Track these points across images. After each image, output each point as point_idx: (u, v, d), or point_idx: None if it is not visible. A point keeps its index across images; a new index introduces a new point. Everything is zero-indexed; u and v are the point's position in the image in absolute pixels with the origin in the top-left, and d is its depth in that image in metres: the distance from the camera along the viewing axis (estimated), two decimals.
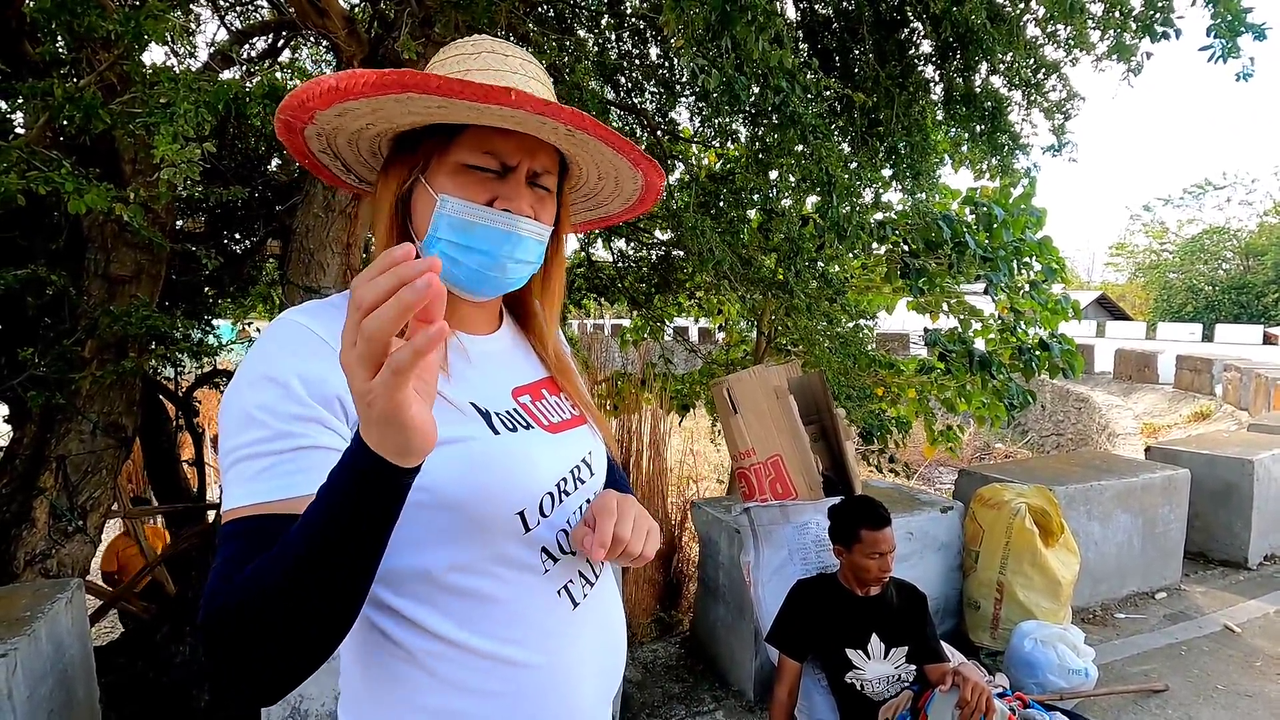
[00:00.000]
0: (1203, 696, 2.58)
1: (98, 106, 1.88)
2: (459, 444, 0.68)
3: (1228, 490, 3.85)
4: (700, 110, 4.43)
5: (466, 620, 0.70)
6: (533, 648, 0.72)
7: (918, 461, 9.36)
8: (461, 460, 0.67)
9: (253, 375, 0.64)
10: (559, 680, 0.74)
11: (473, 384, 0.75)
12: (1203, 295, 36.94)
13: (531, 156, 0.73)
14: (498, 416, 0.73)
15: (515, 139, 0.71)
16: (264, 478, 0.60)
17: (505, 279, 0.75)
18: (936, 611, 2.89)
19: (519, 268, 0.75)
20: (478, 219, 0.71)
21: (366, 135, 0.74)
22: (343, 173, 0.82)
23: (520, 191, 0.73)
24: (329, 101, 0.65)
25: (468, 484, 0.67)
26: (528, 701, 0.71)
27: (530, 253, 0.75)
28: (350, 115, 0.68)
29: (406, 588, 0.69)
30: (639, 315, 6.03)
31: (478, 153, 0.71)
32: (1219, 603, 3.40)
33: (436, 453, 0.65)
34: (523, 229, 0.73)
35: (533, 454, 0.74)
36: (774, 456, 2.41)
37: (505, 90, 0.62)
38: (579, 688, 0.76)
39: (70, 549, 2.80)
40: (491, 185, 0.72)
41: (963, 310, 5.46)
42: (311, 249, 2.98)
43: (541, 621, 0.73)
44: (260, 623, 0.53)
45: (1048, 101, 4.48)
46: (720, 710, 2.50)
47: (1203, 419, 10.81)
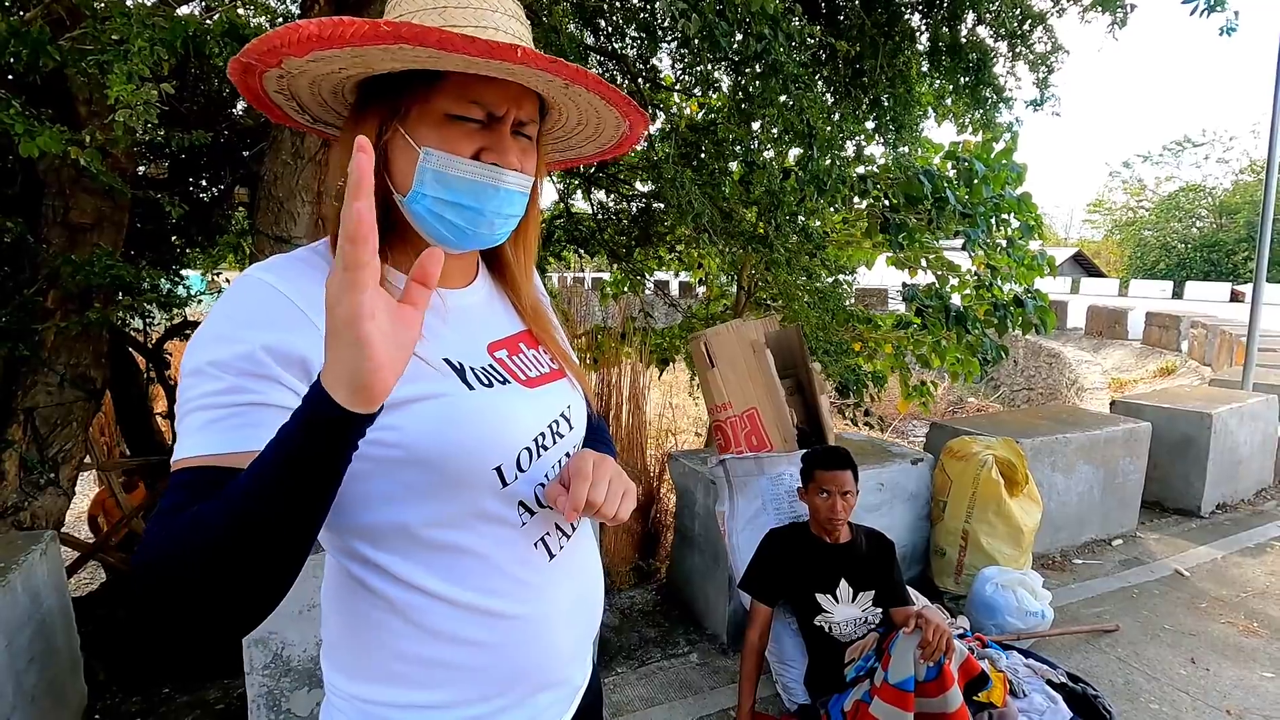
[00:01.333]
0: (1150, 635, 2.73)
1: (45, 42, 1.78)
2: (433, 400, 0.67)
3: (1186, 443, 3.99)
4: (682, 57, 4.32)
5: (445, 573, 0.70)
6: (511, 598, 0.73)
7: (892, 415, 9.55)
8: (436, 417, 0.67)
9: (213, 332, 0.62)
10: (537, 629, 0.75)
11: (447, 340, 0.73)
12: (1175, 253, 37.54)
13: (518, 105, 0.70)
14: (472, 372, 0.72)
15: (501, 87, 0.68)
16: (213, 429, 0.59)
17: (493, 234, 0.74)
18: (905, 558, 2.99)
19: (507, 222, 0.74)
20: (466, 173, 0.68)
21: (333, 79, 0.69)
22: (296, 112, 0.77)
23: (507, 143, 0.70)
24: (307, 50, 0.61)
25: (442, 440, 0.67)
26: (507, 650, 0.73)
27: (516, 205, 0.74)
28: (324, 60, 0.64)
29: (385, 542, 0.69)
30: (619, 269, 5.99)
31: (463, 102, 0.68)
32: (1171, 549, 3.56)
33: (411, 409, 0.65)
34: (509, 182, 0.71)
35: (509, 409, 0.73)
36: (750, 410, 2.45)
37: (511, 48, 0.59)
38: (557, 636, 0.77)
39: (43, 502, 2.78)
40: (477, 136, 0.69)
41: (941, 266, 5.49)
42: (281, 197, 2.89)
43: (519, 573, 0.74)
44: (198, 569, 0.53)
45: (1033, 54, 4.44)
46: (694, 653, 2.60)
47: (1168, 374, 11.12)
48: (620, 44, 4.35)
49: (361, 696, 0.72)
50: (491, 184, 0.70)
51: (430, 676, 0.71)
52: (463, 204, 0.69)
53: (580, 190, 5.64)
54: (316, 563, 1.88)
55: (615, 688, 2.38)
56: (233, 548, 0.53)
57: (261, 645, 1.85)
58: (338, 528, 0.71)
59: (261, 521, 0.53)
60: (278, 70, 0.66)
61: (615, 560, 3.76)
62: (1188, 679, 2.44)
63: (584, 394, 0.87)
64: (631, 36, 4.29)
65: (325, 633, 0.76)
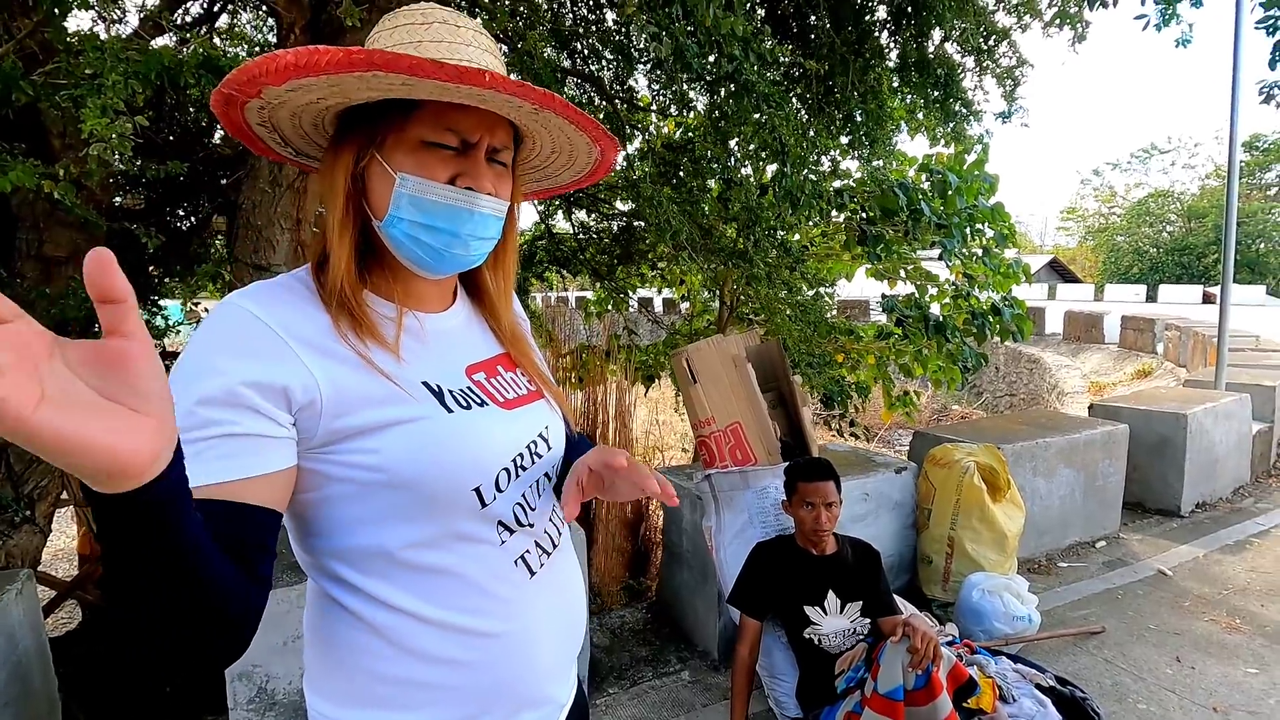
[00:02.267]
0: (1136, 635, 2.75)
1: (18, 78, 1.78)
2: (412, 423, 0.68)
3: (1163, 443, 4.06)
4: (657, 78, 4.39)
5: (425, 594, 0.71)
6: (491, 616, 0.73)
7: (877, 426, 9.61)
8: (414, 440, 0.68)
9: (194, 364, 0.62)
10: (518, 646, 0.75)
11: (426, 363, 0.74)
12: (1147, 257, 38.32)
13: (491, 133, 0.73)
14: (451, 395, 0.73)
15: (475, 115, 0.70)
16: (193, 464, 0.56)
17: (468, 256, 0.75)
18: (891, 568, 3.01)
19: (481, 244, 0.76)
20: (441, 198, 0.70)
21: (313, 109, 0.71)
22: (279, 145, 0.78)
23: (481, 169, 0.72)
24: (284, 79, 0.62)
25: (421, 463, 0.67)
26: (487, 668, 0.73)
27: (491, 229, 0.75)
28: (303, 90, 0.65)
29: (363, 564, 0.70)
30: (602, 287, 6.01)
31: (438, 129, 0.70)
32: (1153, 549, 3.61)
33: (390, 433, 0.66)
34: (483, 206, 0.73)
35: (487, 431, 0.73)
36: (733, 424, 2.46)
37: (479, 72, 0.61)
38: (539, 653, 0.78)
39: (18, 540, 2.73)
40: (452, 162, 0.71)
41: (919, 276, 5.57)
42: (259, 225, 2.89)
43: (499, 591, 0.74)
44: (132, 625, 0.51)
45: (999, 68, 4.56)
46: (686, 670, 2.58)
47: (1145, 376, 11.30)
48: (596, 66, 4.41)
49: (327, 714, 0.72)
50: (466, 208, 0.71)
51: (412, 698, 0.71)
52: (438, 227, 0.71)
53: (561, 210, 5.68)
54: (300, 594, 1.86)
55: (607, 708, 2.36)
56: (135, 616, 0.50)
57: (245, 680, 1.82)
58: (317, 551, 0.71)
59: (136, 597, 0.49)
60: (259, 101, 0.67)
61: (606, 579, 3.74)
62: (1174, 678, 2.47)
63: (563, 414, 0.88)
64: (607, 59, 4.36)
65: (307, 658, 0.76)
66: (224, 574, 0.54)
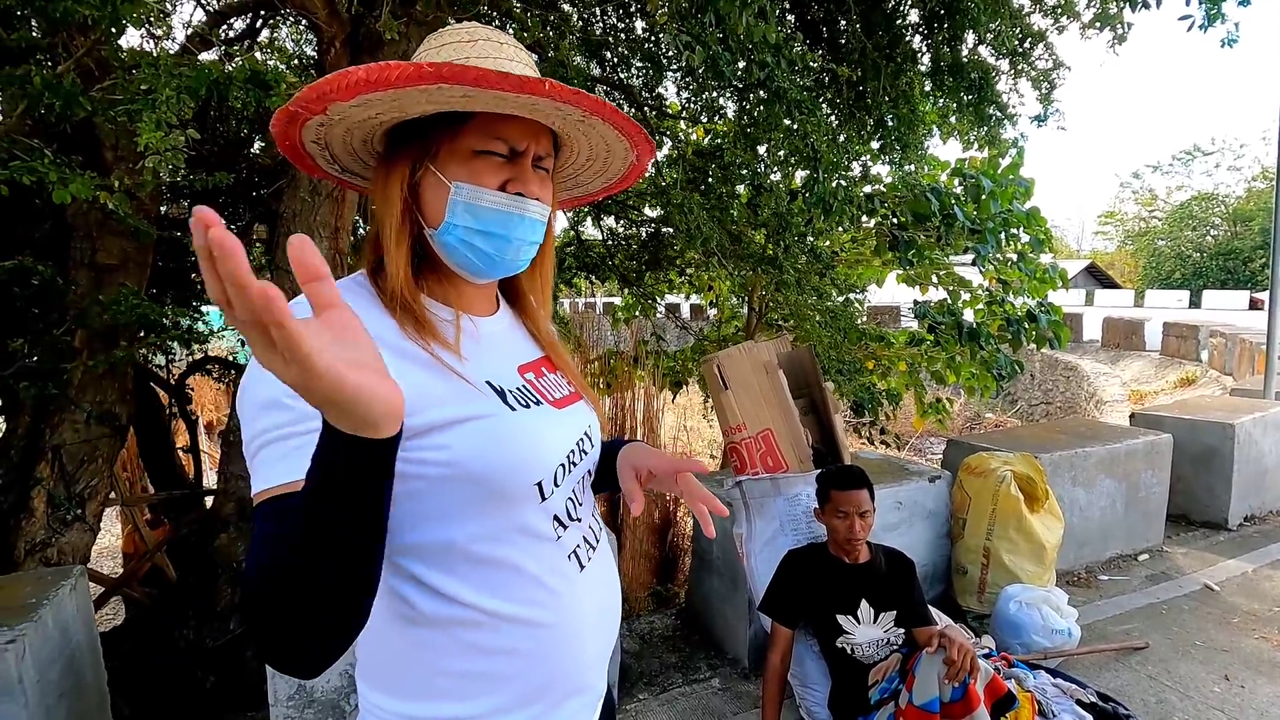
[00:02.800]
0: (1181, 652, 2.67)
1: (77, 94, 1.87)
2: (480, 420, 0.71)
3: (1209, 454, 3.93)
4: (687, 85, 4.40)
5: (486, 586, 0.73)
6: (546, 608, 0.76)
7: (909, 433, 9.48)
8: (484, 436, 0.71)
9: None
10: (569, 636, 0.78)
11: (485, 363, 0.78)
12: (1190, 262, 37.17)
13: (537, 141, 0.76)
14: (510, 394, 0.77)
15: (522, 124, 0.74)
16: (292, 458, 0.60)
17: (517, 260, 0.79)
18: (925, 578, 2.96)
19: (529, 249, 0.79)
20: (494, 204, 0.74)
21: (367, 125, 0.74)
22: (327, 163, 0.81)
23: (529, 174, 0.76)
24: (354, 94, 0.65)
25: (490, 458, 0.71)
26: (541, 658, 0.76)
27: (537, 233, 0.79)
28: (366, 105, 0.68)
29: (430, 559, 0.72)
30: (630, 293, 6.04)
31: (489, 139, 0.73)
32: (1199, 563, 3.49)
33: (461, 429, 0.70)
34: (531, 210, 0.76)
35: (545, 428, 0.77)
36: (764, 431, 2.45)
37: (540, 81, 0.65)
38: (585, 643, 0.81)
39: (70, 537, 2.83)
40: (503, 169, 0.75)
41: (952, 282, 5.49)
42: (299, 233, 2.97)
43: (554, 583, 0.77)
44: (280, 600, 0.54)
45: (1034, 70, 4.48)
46: (716, 678, 2.57)
47: (1188, 385, 10.96)
48: (626, 74, 4.45)
49: (410, 714, 0.74)
50: (518, 213, 0.75)
51: (468, 689, 0.73)
52: (491, 232, 0.75)
53: (590, 217, 5.72)
54: None
55: (637, 714, 2.36)
56: (305, 577, 0.54)
57: (285, 677, 1.87)
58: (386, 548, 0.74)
59: (322, 552, 0.54)
60: (320, 118, 0.70)
61: (634, 586, 3.74)
62: (1222, 696, 2.39)
63: (598, 415, 0.92)
64: (637, 67, 4.39)
65: (362, 652, 0.78)
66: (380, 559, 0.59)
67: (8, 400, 3.06)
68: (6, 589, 1.95)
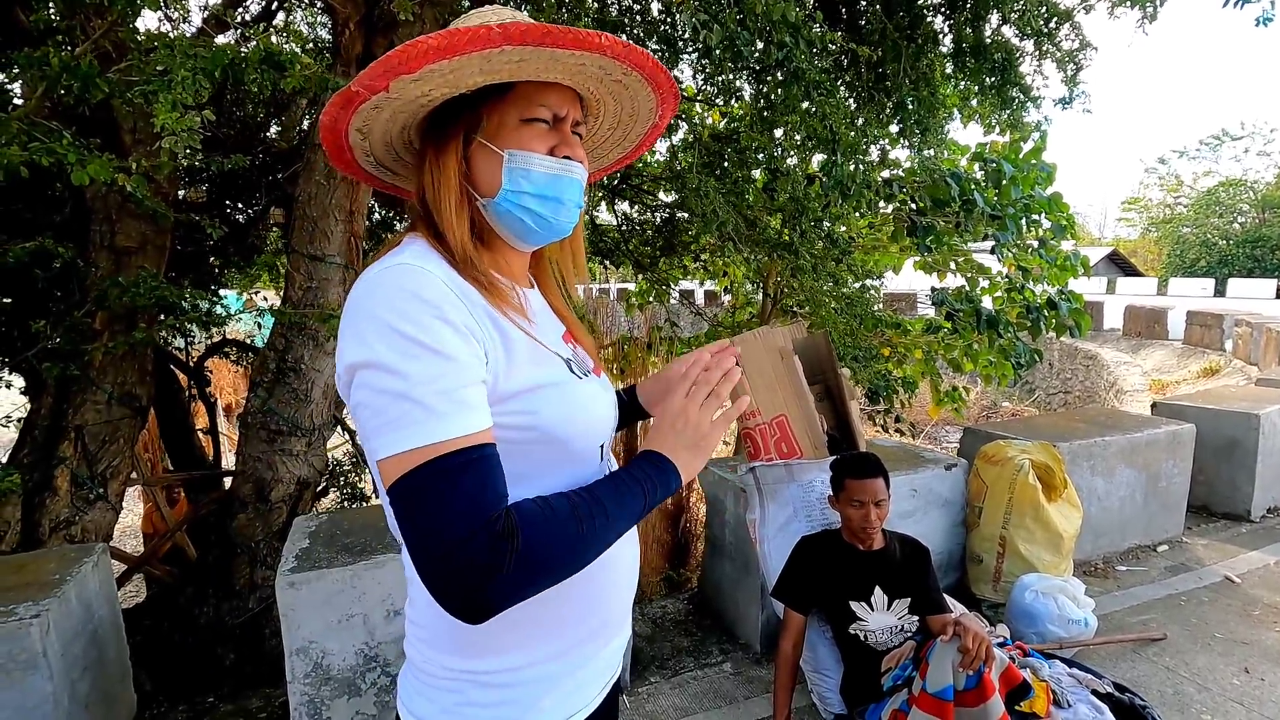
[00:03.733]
0: (1200, 644, 2.64)
1: (95, 76, 1.87)
2: (557, 386, 0.77)
3: (1232, 445, 3.86)
4: (703, 68, 4.34)
5: None
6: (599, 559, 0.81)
7: (924, 421, 9.40)
8: (564, 401, 0.76)
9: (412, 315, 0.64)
10: (614, 583, 0.85)
11: (545, 333, 0.82)
12: (1216, 249, 36.37)
13: (575, 107, 0.79)
14: (569, 363, 0.81)
15: (560, 91, 0.77)
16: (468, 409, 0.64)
17: (568, 222, 0.82)
18: (940, 566, 2.94)
19: (575, 211, 0.82)
20: (546, 168, 0.77)
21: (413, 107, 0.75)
22: (364, 155, 0.82)
23: (571, 138, 0.79)
24: (422, 64, 0.66)
25: (569, 421, 0.76)
26: (596, 602, 0.83)
27: (580, 195, 0.82)
28: (426, 79, 0.69)
29: None
30: (644, 279, 6.01)
31: (534, 106, 0.76)
32: (1220, 554, 3.44)
33: (542, 394, 0.75)
34: (576, 172, 0.79)
35: (601, 395, 0.84)
36: (779, 417, 2.43)
37: (596, 34, 0.68)
38: (623, 592, 0.88)
39: (93, 516, 2.88)
40: (548, 135, 0.78)
41: (970, 269, 5.41)
42: (315, 216, 2.98)
43: None
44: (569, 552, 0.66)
45: (1060, 51, 4.37)
46: (728, 662, 2.58)
47: (1212, 375, 10.78)
48: None
49: (470, 670, 0.77)
50: (567, 174, 0.78)
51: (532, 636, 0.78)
52: (545, 195, 0.77)
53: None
54: (355, 574, 1.92)
55: (649, 697, 2.37)
56: (594, 547, 0.68)
57: (303, 655, 1.89)
58: None
59: (613, 535, 0.70)
60: (376, 99, 0.71)
61: (646, 571, 3.76)
62: (1241, 689, 2.36)
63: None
64: (653, 49, 4.34)
65: (426, 619, 0.80)
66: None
67: (31, 381, 3.11)
68: (31, 566, 1.99)
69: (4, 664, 1.66)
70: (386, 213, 5.16)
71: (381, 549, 2.00)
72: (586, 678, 0.83)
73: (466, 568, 0.59)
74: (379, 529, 2.16)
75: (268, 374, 3.01)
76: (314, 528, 2.20)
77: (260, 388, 3.01)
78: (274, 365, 3.00)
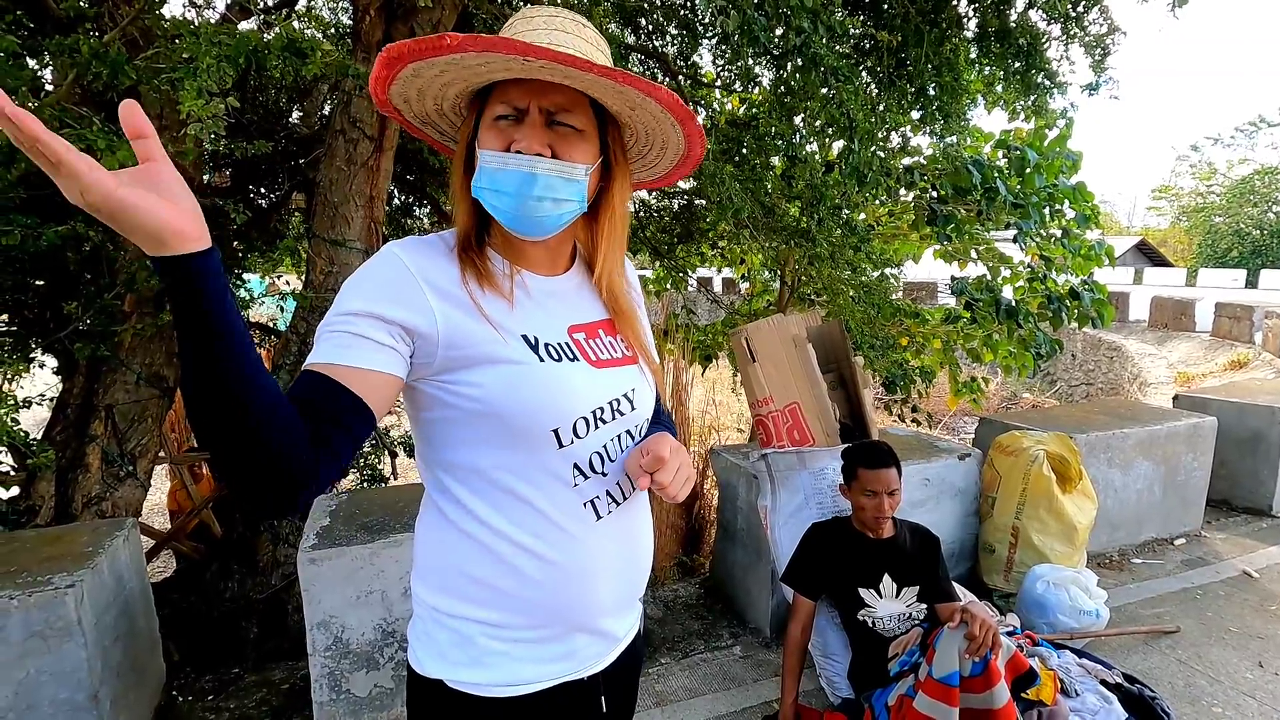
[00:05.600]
0: (1214, 638, 2.62)
1: (123, 62, 1.91)
2: (511, 365, 0.80)
3: (1255, 438, 3.81)
4: (722, 53, 4.31)
5: (506, 512, 0.83)
6: (555, 546, 0.84)
7: (942, 412, 9.33)
8: (509, 379, 0.79)
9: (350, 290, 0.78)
10: (578, 577, 0.86)
11: (530, 318, 0.84)
12: (1249, 240, 35.42)
13: (540, 97, 0.79)
14: (547, 347, 0.83)
15: (524, 86, 0.79)
16: (324, 346, 0.74)
17: (536, 216, 0.81)
18: (952, 555, 2.94)
19: (547, 205, 0.80)
20: (500, 164, 0.79)
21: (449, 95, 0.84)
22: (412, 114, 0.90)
23: (532, 132, 0.78)
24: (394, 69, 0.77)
25: (510, 399, 0.79)
26: (550, 589, 0.85)
27: (558, 190, 0.80)
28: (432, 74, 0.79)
29: (461, 477, 0.84)
30: (661, 265, 6.01)
31: (498, 104, 0.80)
32: (1239, 549, 3.41)
33: (492, 369, 0.79)
34: (539, 168, 0.78)
35: (570, 383, 0.83)
36: (791, 404, 2.45)
37: (508, 40, 0.71)
38: (598, 588, 0.88)
39: (123, 492, 2.98)
40: (509, 131, 0.79)
41: (992, 258, 5.35)
42: (335, 202, 3.02)
43: (566, 525, 0.84)
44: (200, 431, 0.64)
45: (1087, 36, 4.28)
46: (738, 646, 2.61)
47: (1239, 367, 10.56)
48: (661, 42, 4.37)
49: (439, 608, 0.86)
50: (526, 170, 0.78)
51: (488, 598, 0.84)
52: (502, 190, 0.79)
53: None
54: (374, 551, 1.97)
55: (659, 678, 2.42)
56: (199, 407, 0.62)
57: (324, 629, 1.96)
58: (431, 462, 0.86)
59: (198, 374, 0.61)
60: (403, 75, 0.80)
61: (659, 556, 3.80)
62: (1254, 683, 2.35)
63: (654, 383, 0.96)
64: (672, 34, 4.31)
65: (416, 553, 0.92)
66: (277, 407, 0.64)
67: (63, 361, 3.20)
68: (66, 538, 2.07)
69: (42, 631, 1.74)
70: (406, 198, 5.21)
71: (399, 528, 2.05)
72: (540, 655, 0.86)
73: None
74: (397, 509, 2.22)
75: (290, 357, 3.08)
76: (334, 507, 2.26)
77: (283, 370, 3.08)
78: (296, 348, 3.06)
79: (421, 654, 0.87)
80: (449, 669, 0.85)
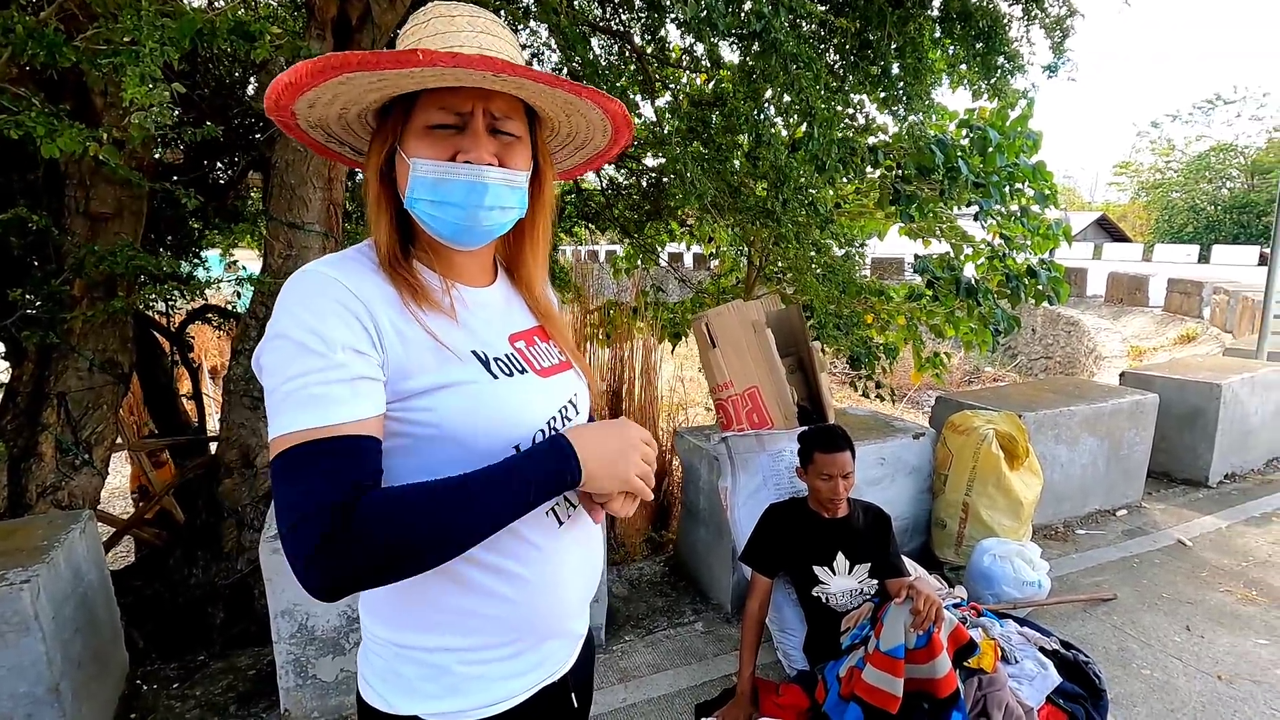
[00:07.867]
0: (1148, 604, 2.78)
1: (61, 43, 1.84)
2: (463, 386, 0.77)
3: (1195, 414, 3.99)
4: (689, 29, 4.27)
5: None
6: (527, 561, 0.83)
7: (906, 386, 9.53)
8: (465, 401, 0.77)
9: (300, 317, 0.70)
10: (549, 587, 0.85)
11: (474, 333, 0.82)
12: (1204, 215, 36.46)
13: (486, 101, 0.77)
14: (496, 362, 0.81)
15: (465, 92, 0.76)
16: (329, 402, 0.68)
17: (484, 227, 0.80)
18: (906, 530, 3.06)
19: (495, 214, 0.80)
20: (445, 175, 0.76)
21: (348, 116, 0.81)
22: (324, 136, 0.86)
23: (479, 141, 0.77)
24: (292, 96, 0.73)
25: (470, 421, 0.76)
26: (524, 603, 0.84)
27: (505, 199, 0.80)
28: (320, 104, 0.76)
29: None
30: (631, 243, 6.00)
31: (434, 111, 0.76)
32: (1175, 519, 3.59)
33: (444, 394, 0.76)
34: (489, 177, 0.77)
35: (526, 396, 0.82)
36: (751, 388, 2.50)
37: (412, 52, 0.68)
38: (566, 593, 0.88)
39: (79, 481, 2.92)
40: (453, 140, 0.77)
41: (955, 236, 5.44)
42: (292, 184, 2.96)
43: (534, 538, 0.83)
44: (419, 539, 0.67)
45: (1047, 17, 4.33)
46: (700, 621, 2.70)
47: (1188, 341, 10.96)
48: (629, 16, 4.31)
49: (404, 643, 0.82)
50: (470, 180, 0.76)
51: (461, 625, 0.81)
52: (448, 202, 0.77)
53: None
54: None
55: (623, 654, 2.49)
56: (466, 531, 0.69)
57: (288, 617, 1.97)
58: None
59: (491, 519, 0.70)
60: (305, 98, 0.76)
61: (629, 531, 3.86)
62: (1181, 646, 2.50)
63: (589, 384, 0.97)
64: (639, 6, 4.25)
65: (369, 593, 0.86)
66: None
67: (11, 348, 3.11)
68: (20, 532, 2.04)
69: None
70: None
71: None
72: (515, 670, 0.85)
73: (305, 544, 0.64)
74: None
75: (249, 341, 3.03)
76: None
77: (242, 355, 3.03)
78: (255, 333, 3.02)
79: (385, 691, 0.83)
80: (423, 703, 0.81)
